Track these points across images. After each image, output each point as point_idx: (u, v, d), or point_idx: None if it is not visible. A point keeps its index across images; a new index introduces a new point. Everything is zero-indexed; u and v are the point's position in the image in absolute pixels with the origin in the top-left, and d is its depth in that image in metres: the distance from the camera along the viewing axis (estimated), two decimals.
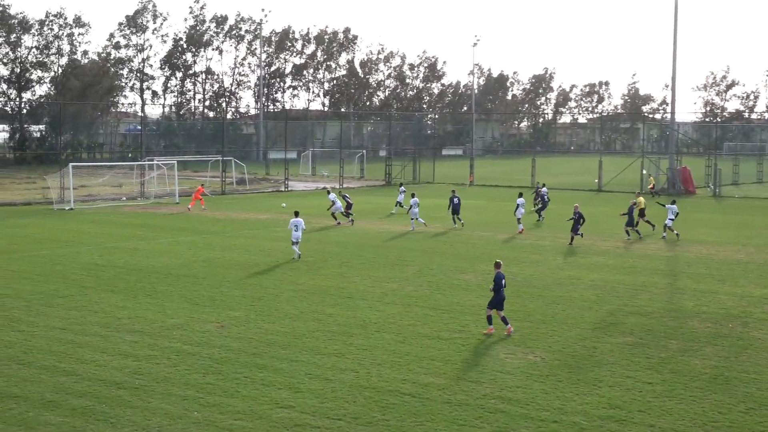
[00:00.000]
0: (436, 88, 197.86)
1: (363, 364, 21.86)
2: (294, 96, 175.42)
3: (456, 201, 51.32)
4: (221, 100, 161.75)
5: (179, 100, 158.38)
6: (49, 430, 17.27)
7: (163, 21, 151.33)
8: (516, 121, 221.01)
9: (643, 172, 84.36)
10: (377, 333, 24.99)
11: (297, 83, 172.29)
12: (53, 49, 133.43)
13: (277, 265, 36.69)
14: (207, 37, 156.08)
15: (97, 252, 40.22)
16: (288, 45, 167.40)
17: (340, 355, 22.65)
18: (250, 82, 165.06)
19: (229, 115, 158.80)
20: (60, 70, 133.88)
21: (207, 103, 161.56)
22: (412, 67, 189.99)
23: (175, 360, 22.00)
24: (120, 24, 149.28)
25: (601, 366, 21.92)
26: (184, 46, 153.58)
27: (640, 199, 49.43)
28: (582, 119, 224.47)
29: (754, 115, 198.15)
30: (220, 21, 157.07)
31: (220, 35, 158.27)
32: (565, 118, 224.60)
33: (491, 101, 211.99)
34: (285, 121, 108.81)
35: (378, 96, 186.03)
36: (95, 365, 21.47)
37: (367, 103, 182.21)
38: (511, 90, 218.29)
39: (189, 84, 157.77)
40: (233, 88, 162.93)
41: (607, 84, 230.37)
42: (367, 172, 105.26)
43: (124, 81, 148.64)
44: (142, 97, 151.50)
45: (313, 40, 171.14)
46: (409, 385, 20.22)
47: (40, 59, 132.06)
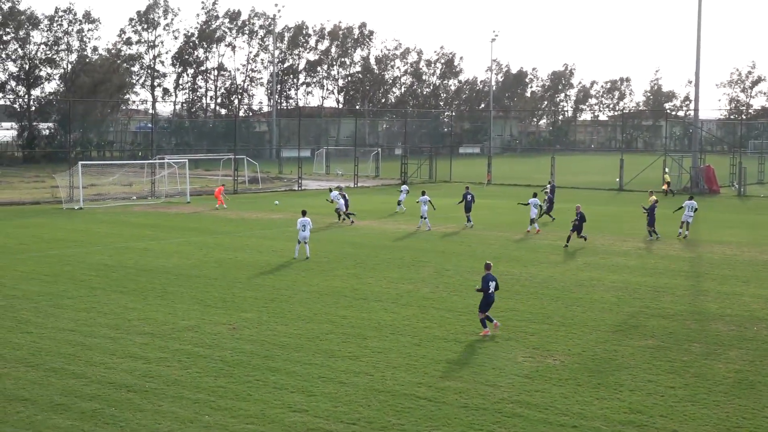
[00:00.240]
0: (453, 85, 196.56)
1: (378, 367, 21.69)
2: (308, 93, 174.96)
3: (469, 198, 51.10)
4: (233, 98, 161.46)
5: (191, 97, 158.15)
6: None
7: (174, 17, 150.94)
8: (535, 119, 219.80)
9: (666, 170, 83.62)
10: (392, 335, 24.82)
11: (311, 80, 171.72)
12: (62, 46, 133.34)
13: (289, 266, 36.48)
14: (219, 33, 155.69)
15: (107, 252, 40.07)
16: (302, 41, 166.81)
17: (355, 357, 22.49)
18: (262, 78, 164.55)
19: (241, 113, 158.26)
20: (69, 66, 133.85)
21: (219, 100, 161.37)
22: (428, 63, 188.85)
23: (186, 362, 21.86)
24: (131, 19, 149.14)
25: (622, 370, 21.68)
26: (196, 42, 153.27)
27: (653, 197, 49.06)
28: (603, 116, 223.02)
29: None
30: (233, 16, 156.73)
31: (233, 31, 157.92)
32: (586, 116, 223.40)
33: (509, 98, 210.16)
34: (298, 118, 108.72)
35: (394, 93, 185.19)
36: (105, 367, 21.36)
37: (383, 100, 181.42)
38: (530, 87, 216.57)
39: (201, 81, 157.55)
40: (246, 85, 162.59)
41: (629, 80, 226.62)
42: (382, 171, 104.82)
43: (135, 78, 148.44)
44: (153, 94, 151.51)
45: (328, 36, 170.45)
46: (425, 388, 20.05)
47: (50, 56, 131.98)
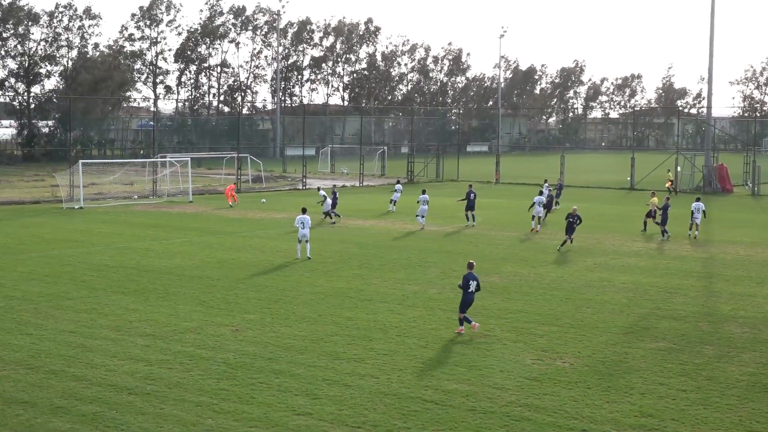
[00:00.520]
0: (461, 82, 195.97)
1: (383, 369, 21.56)
2: (312, 90, 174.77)
3: (472, 196, 50.96)
4: (236, 95, 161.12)
5: (193, 94, 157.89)
6: None
7: (177, 12, 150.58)
8: (544, 117, 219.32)
9: (678, 169, 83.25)
10: (398, 337, 24.67)
11: (315, 77, 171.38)
12: (63, 42, 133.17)
13: (293, 267, 36.33)
14: (223, 30, 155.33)
15: (108, 252, 39.90)
16: (306, 37, 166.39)
17: (360, 360, 22.34)
18: (266, 75, 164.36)
19: (244, 111, 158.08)
20: (70, 63, 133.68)
21: (222, 97, 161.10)
22: (436, 60, 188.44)
23: (189, 365, 21.73)
24: (133, 15, 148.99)
25: (633, 372, 21.55)
26: (199, 39, 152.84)
27: (654, 199, 48.90)
28: (614, 114, 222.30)
29: None
30: (237, 12, 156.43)
31: (237, 27, 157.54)
32: (596, 113, 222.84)
33: (518, 95, 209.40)
34: (303, 116, 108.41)
35: (400, 90, 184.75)
36: (105, 370, 21.25)
37: (389, 97, 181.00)
38: (539, 84, 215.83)
39: (203, 78, 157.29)
40: (249, 82, 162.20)
41: (640, 77, 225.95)
42: (388, 170, 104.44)
43: (136, 75, 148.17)
44: (155, 91, 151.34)
45: (333, 32, 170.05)
46: (431, 391, 19.94)
47: (50, 52, 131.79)
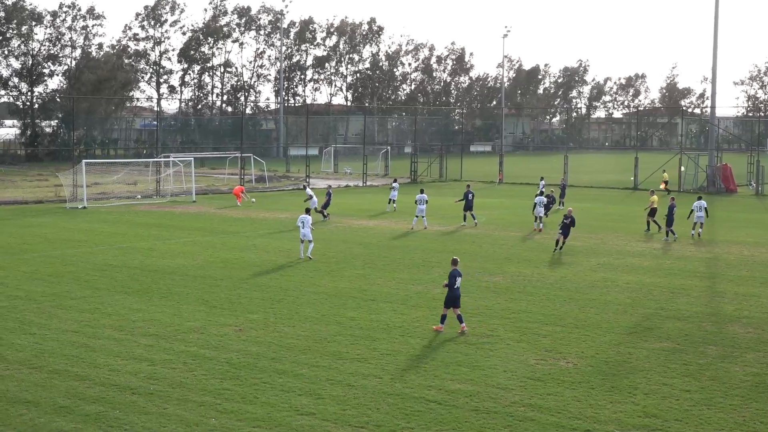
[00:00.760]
0: (464, 82, 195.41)
1: (387, 369, 21.52)
2: (315, 90, 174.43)
3: (470, 197, 50.97)
4: (240, 95, 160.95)
5: (196, 94, 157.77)
6: None
7: (181, 12, 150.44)
8: (548, 116, 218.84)
9: (682, 169, 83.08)
10: (401, 337, 24.62)
11: (318, 76, 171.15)
12: (66, 42, 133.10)
13: (297, 267, 36.27)
14: (227, 29, 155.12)
15: (111, 252, 39.85)
16: (309, 37, 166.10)
17: (363, 360, 22.30)
18: (270, 75, 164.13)
19: (248, 110, 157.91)
20: (73, 63, 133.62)
21: (225, 97, 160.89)
22: (439, 59, 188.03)
23: (192, 365, 21.69)
24: (138, 14, 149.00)
25: (637, 373, 21.50)
26: (201, 38, 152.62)
27: (654, 197, 48.82)
28: (617, 114, 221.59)
29: None
30: (241, 12, 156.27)
31: (241, 26, 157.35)
32: (600, 113, 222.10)
33: (522, 95, 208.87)
34: (306, 116, 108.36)
35: (403, 90, 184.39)
36: (109, 369, 21.22)
37: (392, 97, 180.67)
38: (543, 83, 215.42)
39: (207, 78, 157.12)
40: (252, 81, 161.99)
41: (644, 77, 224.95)
42: (391, 170, 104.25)
43: (140, 75, 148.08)
44: (158, 91, 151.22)
45: (335, 32, 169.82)
46: (434, 391, 19.91)
47: (53, 52, 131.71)
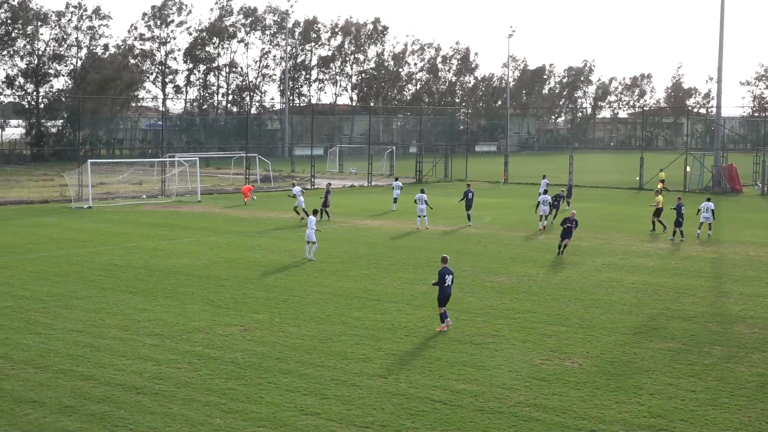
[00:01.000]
0: (469, 82, 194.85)
1: (392, 369, 21.50)
2: (320, 90, 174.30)
3: (470, 196, 51.15)
4: (245, 95, 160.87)
5: (202, 94, 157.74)
6: None
7: (188, 14, 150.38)
8: (553, 116, 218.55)
9: (687, 169, 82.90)
10: (406, 337, 24.58)
11: (323, 76, 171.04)
12: (72, 42, 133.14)
13: (302, 266, 36.24)
14: (232, 30, 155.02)
15: (116, 252, 39.86)
16: (313, 36, 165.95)
17: (368, 360, 22.27)
18: (275, 75, 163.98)
19: (253, 110, 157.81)
20: (79, 63, 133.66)
21: (230, 97, 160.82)
22: (444, 59, 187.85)
23: (197, 364, 21.67)
24: (144, 14, 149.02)
25: (642, 373, 21.44)
26: (207, 38, 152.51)
27: (659, 198, 48.79)
28: (623, 114, 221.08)
29: None
30: (247, 13, 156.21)
31: (246, 26, 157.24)
32: (605, 113, 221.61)
33: (527, 95, 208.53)
34: (311, 116, 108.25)
35: (409, 90, 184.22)
36: (114, 369, 21.21)
37: (398, 97, 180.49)
38: (548, 83, 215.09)
39: (212, 77, 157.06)
40: (257, 81, 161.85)
41: (650, 77, 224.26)
42: (396, 169, 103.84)
43: (146, 75, 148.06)
44: (163, 91, 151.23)
45: (340, 32, 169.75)
46: (439, 391, 19.87)
47: (59, 52, 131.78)
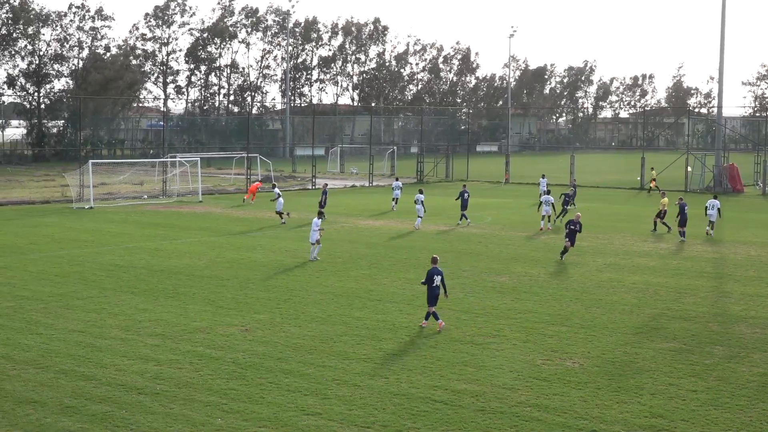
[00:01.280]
0: (470, 82, 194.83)
1: (393, 369, 21.48)
2: (321, 90, 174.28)
3: (466, 196, 51.26)
4: (246, 95, 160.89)
5: (203, 94, 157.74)
6: None
7: (191, 16, 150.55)
8: (554, 116, 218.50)
9: (689, 169, 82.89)
10: (408, 337, 24.59)
11: (324, 77, 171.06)
12: (74, 42, 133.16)
13: (303, 267, 36.24)
14: (233, 30, 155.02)
15: (118, 252, 39.86)
16: (314, 36, 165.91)
17: (369, 360, 22.27)
18: (276, 75, 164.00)
19: (254, 111, 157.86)
20: (80, 63, 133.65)
21: (232, 97, 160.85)
22: (445, 59, 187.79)
23: (198, 365, 21.65)
24: (147, 15, 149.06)
25: (643, 373, 21.42)
26: (208, 39, 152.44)
27: (665, 200, 48.89)
28: (624, 114, 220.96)
29: None
30: (249, 13, 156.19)
31: (248, 27, 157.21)
32: (606, 113, 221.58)
33: (528, 95, 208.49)
34: (312, 116, 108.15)
35: (410, 90, 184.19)
36: (115, 370, 21.20)
37: (399, 97, 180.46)
38: (549, 83, 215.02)
39: (213, 78, 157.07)
40: (259, 82, 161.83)
41: (652, 77, 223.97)
42: (398, 170, 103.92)
43: (147, 76, 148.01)
44: (165, 91, 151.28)
45: (341, 31, 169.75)
46: (441, 391, 19.86)
47: (60, 53, 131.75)
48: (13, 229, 47.43)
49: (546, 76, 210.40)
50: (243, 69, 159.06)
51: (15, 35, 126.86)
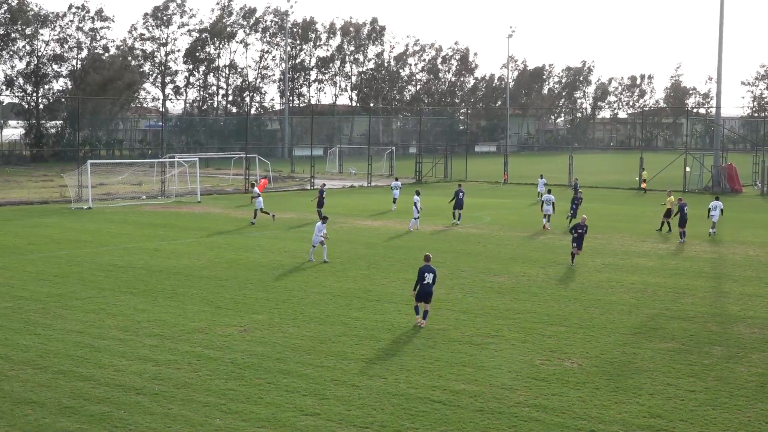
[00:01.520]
0: (469, 82, 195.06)
1: (391, 370, 21.46)
2: (319, 90, 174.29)
3: (460, 196, 51.40)
4: (245, 95, 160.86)
5: (201, 95, 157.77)
6: None
7: (190, 18, 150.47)
8: (552, 117, 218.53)
9: (687, 169, 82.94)
10: (406, 338, 24.58)
11: (323, 77, 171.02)
12: (73, 43, 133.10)
13: (302, 267, 36.22)
14: (231, 30, 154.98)
15: (116, 253, 39.83)
16: (311, 36, 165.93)
17: (368, 360, 22.26)
18: (274, 76, 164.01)
19: (252, 111, 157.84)
20: (79, 64, 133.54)
21: (230, 98, 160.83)
22: (444, 59, 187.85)
23: (197, 365, 21.63)
24: (146, 14, 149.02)
25: (641, 373, 21.42)
26: (207, 39, 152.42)
27: (671, 198, 48.92)
28: (622, 114, 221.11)
29: None
30: (247, 14, 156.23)
31: (246, 27, 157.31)
32: (605, 113, 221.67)
33: (526, 95, 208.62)
34: (311, 116, 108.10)
35: (408, 90, 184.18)
36: (113, 370, 21.17)
37: (397, 97, 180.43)
38: (547, 84, 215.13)
39: (212, 78, 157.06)
40: (257, 82, 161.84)
41: (651, 77, 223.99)
42: (396, 170, 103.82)
43: (146, 76, 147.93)
44: (163, 92, 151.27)
45: (339, 31, 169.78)
46: (439, 392, 19.85)
47: (59, 53, 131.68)
48: (12, 230, 47.39)
49: (544, 77, 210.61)
50: (241, 69, 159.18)
51: (13, 36, 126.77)
